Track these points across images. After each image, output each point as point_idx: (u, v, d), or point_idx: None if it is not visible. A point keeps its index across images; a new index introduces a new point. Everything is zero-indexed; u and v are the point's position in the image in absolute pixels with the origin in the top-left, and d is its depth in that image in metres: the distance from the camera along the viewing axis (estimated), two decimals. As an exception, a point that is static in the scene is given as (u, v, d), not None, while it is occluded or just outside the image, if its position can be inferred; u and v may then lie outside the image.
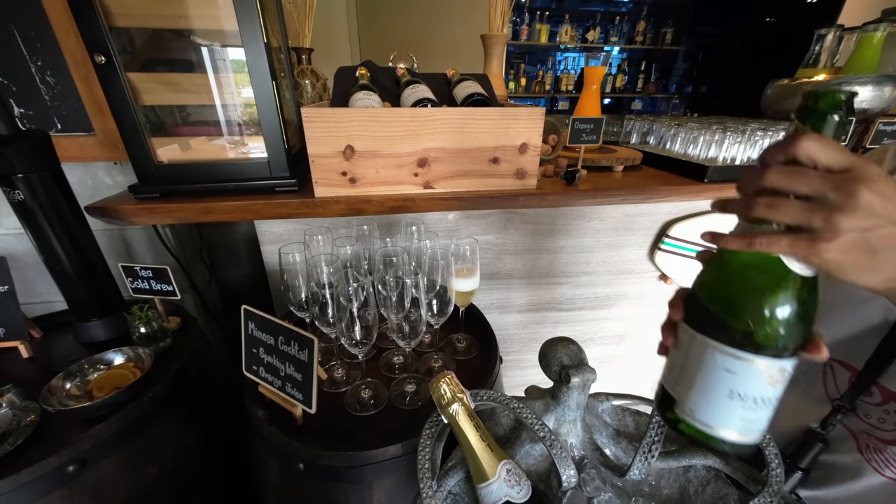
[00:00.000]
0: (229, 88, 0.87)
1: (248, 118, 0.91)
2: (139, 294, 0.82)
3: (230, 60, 0.85)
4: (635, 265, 1.31)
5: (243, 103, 0.89)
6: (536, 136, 0.92)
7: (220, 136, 0.92)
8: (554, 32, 3.56)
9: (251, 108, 0.87)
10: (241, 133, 0.91)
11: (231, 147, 0.91)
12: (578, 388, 0.54)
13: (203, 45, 0.84)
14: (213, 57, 0.85)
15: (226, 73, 0.86)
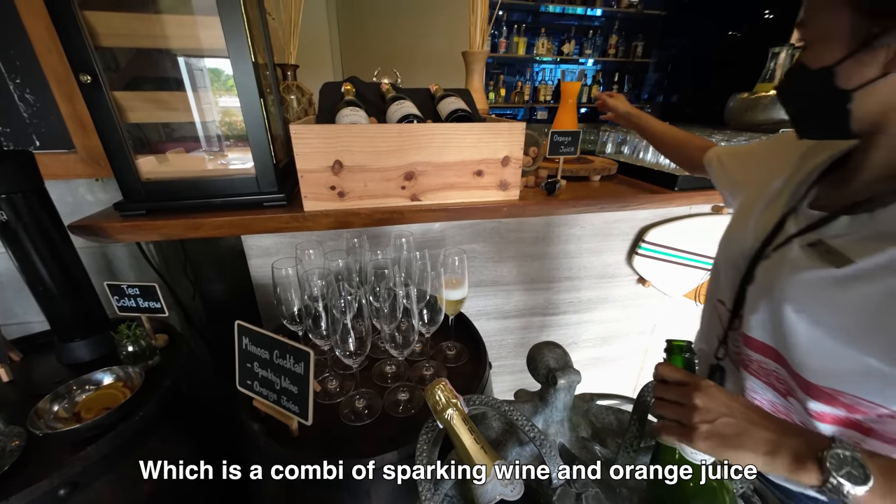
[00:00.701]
0: (216, 106, 0.88)
1: (236, 134, 0.93)
2: (125, 312, 0.82)
3: (217, 78, 0.87)
4: (615, 269, 1.37)
5: (231, 120, 0.90)
6: (518, 150, 0.96)
7: (207, 151, 0.92)
8: (531, 45, 3.68)
9: (239, 125, 0.88)
10: (228, 149, 0.92)
11: (219, 163, 0.92)
12: (564, 390, 0.57)
13: (190, 64, 0.85)
14: (200, 75, 0.86)
15: (213, 90, 0.87)
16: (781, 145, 0.64)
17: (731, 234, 0.63)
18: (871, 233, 0.43)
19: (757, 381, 0.56)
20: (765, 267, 0.53)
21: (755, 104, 1.35)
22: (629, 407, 0.66)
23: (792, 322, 0.47)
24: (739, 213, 0.64)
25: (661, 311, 1.47)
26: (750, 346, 0.55)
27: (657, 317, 1.49)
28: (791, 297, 0.47)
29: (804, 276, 0.46)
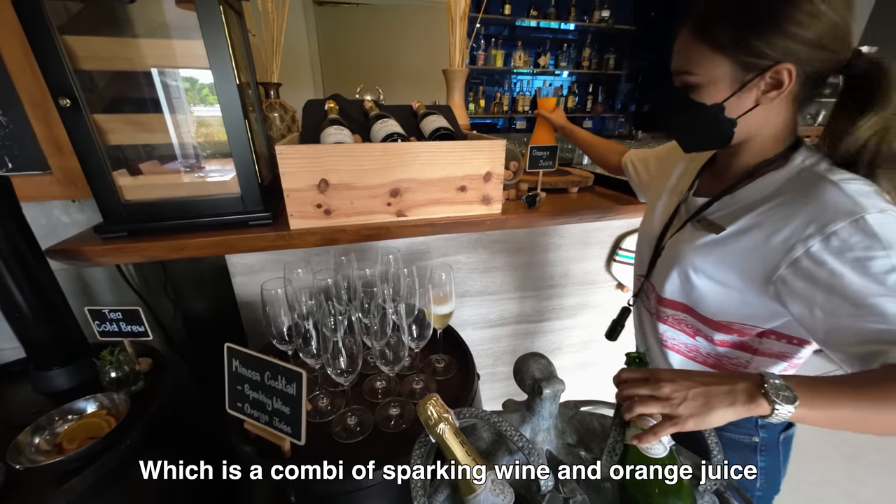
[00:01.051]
0: (200, 126, 0.88)
1: (220, 153, 0.93)
2: (107, 337, 0.80)
3: (200, 99, 0.87)
4: (595, 276, 1.42)
5: (215, 140, 0.90)
6: (499, 166, 1.00)
7: (190, 172, 0.92)
8: (509, 57, 3.79)
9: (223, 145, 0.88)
10: (212, 169, 0.92)
11: (203, 183, 0.91)
12: (550, 399, 0.60)
13: (172, 85, 0.85)
14: (182, 96, 0.86)
15: (196, 111, 0.87)
16: (673, 150, 0.83)
17: (645, 222, 0.82)
18: (734, 208, 0.60)
19: (671, 328, 0.72)
20: (669, 244, 0.70)
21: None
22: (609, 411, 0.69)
23: (694, 280, 0.63)
24: (649, 205, 0.82)
25: (640, 315, 1.53)
26: (664, 304, 0.70)
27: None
28: (690, 262, 0.63)
29: (696, 243, 0.63)
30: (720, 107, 0.56)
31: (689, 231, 0.66)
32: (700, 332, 0.67)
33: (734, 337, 0.63)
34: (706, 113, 0.57)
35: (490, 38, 3.65)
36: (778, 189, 0.56)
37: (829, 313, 0.49)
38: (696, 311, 0.66)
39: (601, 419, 0.68)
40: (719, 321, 0.63)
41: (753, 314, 0.60)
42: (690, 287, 0.64)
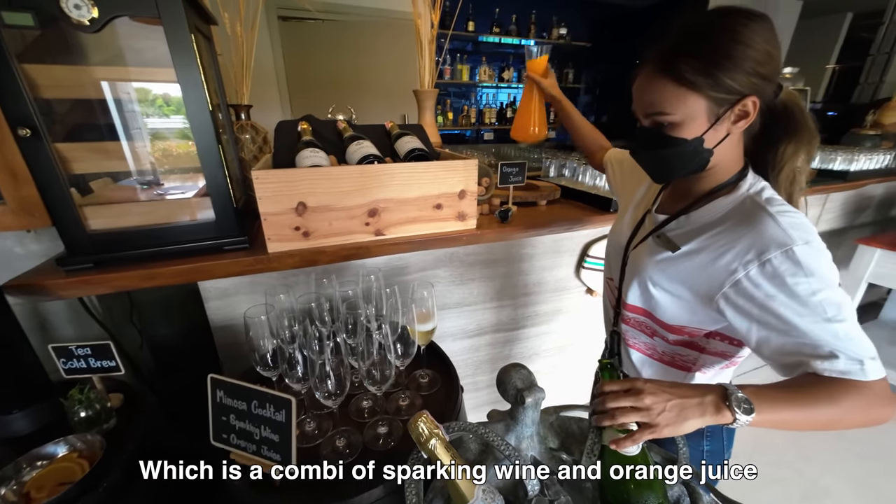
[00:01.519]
0: (170, 152, 0.87)
1: (192, 178, 0.91)
2: (73, 374, 0.76)
3: (171, 126, 0.86)
4: (566, 283, 1.49)
5: (187, 166, 0.89)
6: (472, 184, 1.04)
7: (160, 198, 0.90)
8: (474, 70, 3.91)
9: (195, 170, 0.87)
10: (185, 194, 0.90)
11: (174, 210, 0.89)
12: (532, 407, 0.64)
13: (140, 111, 0.83)
14: (152, 123, 0.84)
15: (167, 137, 0.86)
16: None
17: (615, 228, 0.88)
18: (689, 229, 0.67)
19: (631, 329, 0.79)
20: (633, 254, 0.76)
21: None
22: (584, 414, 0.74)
23: (651, 290, 0.70)
24: (619, 212, 0.89)
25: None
26: (627, 308, 0.78)
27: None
28: (649, 275, 0.70)
29: (655, 258, 0.69)
30: (700, 140, 0.60)
31: (650, 245, 0.72)
32: (657, 333, 0.74)
33: (685, 337, 0.71)
34: (687, 147, 0.61)
35: (455, 52, 3.76)
36: (725, 215, 0.63)
37: (762, 327, 0.57)
38: (653, 315, 0.73)
39: (579, 422, 0.73)
40: (673, 325, 0.71)
41: (700, 320, 0.67)
42: (649, 296, 0.71)
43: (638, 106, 0.64)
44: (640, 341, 0.79)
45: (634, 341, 0.80)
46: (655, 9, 3.76)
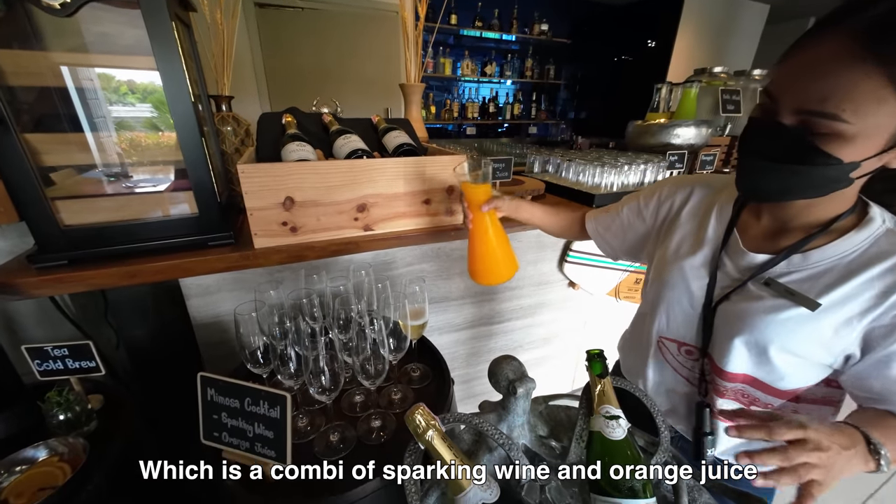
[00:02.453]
0: (150, 145, 0.83)
1: (173, 172, 0.88)
2: (49, 377, 0.73)
3: (151, 117, 0.82)
4: (549, 276, 1.53)
5: (167, 160, 0.85)
6: (461, 179, 1.05)
7: (139, 193, 0.86)
8: (457, 64, 3.89)
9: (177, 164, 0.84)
10: (166, 188, 0.87)
11: (154, 204, 0.86)
12: (523, 397, 0.66)
13: (117, 101, 0.80)
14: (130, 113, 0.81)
15: (146, 129, 0.82)
16: (651, 204, 0.76)
17: (665, 278, 0.69)
18: (812, 272, 0.53)
19: (728, 401, 0.64)
20: (726, 311, 0.60)
21: (647, 130, 1.62)
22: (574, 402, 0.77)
23: (773, 356, 0.55)
24: (664, 263, 0.70)
25: (589, 309, 1.67)
26: (725, 378, 0.61)
27: (587, 314, 1.68)
28: (769, 338, 0.55)
29: (778, 317, 0.54)
30: (856, 165, 0.43)
31: (757, 298, 0.57)
32: (757, 401, 0.61)
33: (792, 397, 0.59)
34: (836, 170, 0.44)
35: (438, 45, 3.73)
36: (869, 254, 0.51)
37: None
38: (762, 381, 0.59)
39: (566, 410, 0.76)
40: (786, 389, 0.58)
41: (823, 375, 0.56)
42: (765, 362, 0.57)
43: (786, 92, 0.45)
44: (728, 407, 0.64)
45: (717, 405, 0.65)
46: (632, 7, 3.85)
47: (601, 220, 0.87)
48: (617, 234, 0.84)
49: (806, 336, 0.53)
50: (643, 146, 1.65)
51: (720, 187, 0.69)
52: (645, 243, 0.80)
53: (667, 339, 0.71)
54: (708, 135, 1.59)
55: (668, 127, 1.54)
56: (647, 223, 0.78)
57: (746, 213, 0.64)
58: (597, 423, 0.59)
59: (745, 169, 0.53)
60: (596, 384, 0.62)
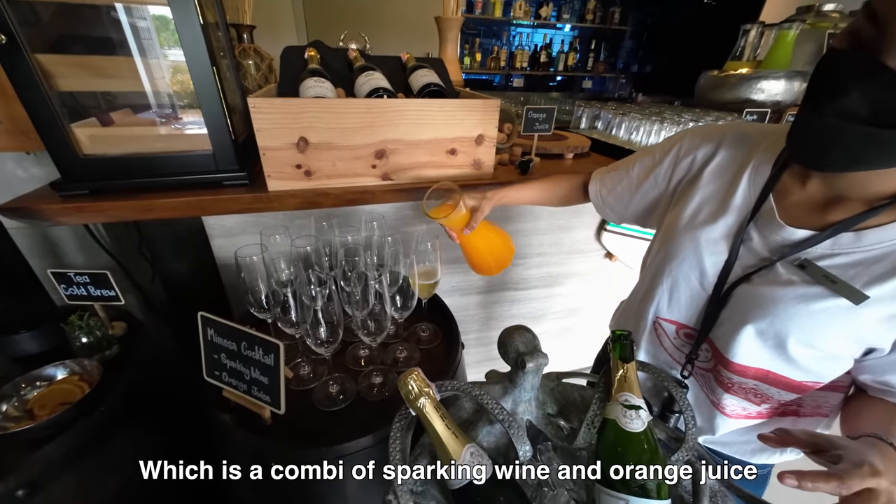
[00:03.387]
0: (162, 72, 0.79)
1: (187, 105, 0.84)
2: (75, 301, 0.76)
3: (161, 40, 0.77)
4: (584, 245, 1.41)
5: (180, 90, 0.81)
6: (492, 128, 0.94)
7: (156, 124, 0.84)
8: (509, 5, 3.52)
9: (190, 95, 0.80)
10: (180, 123, 0.84)
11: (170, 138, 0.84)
12: (533, 372, 0.60)
13: (128, 23, 0.75)
14: (140, 36, 0.76)
15: (156, 54, 0.78)
16: (667, 161, 0.63)
17: (675, 253, 0.59)
18: (865, 256, 0.44)
19: (734, 397, 0.57)
20: (745, 292, 0.51)
21: (723, 83, 1.37)
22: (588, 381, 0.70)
23: (793, 350, 0.47)
24: (674, 231, 0.60)
25: (625, 284, 1.55)
26: (732, 370, 0.54)
27: (620, 290, 1.56)
28: (791, 329, 0.47)
29: (811, 307, 0.45)
30: None
31: (786, 282, 0.47)
32: (769, 399, 0.54)
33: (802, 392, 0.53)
34: None
35: (489, -17, 3.37)
36: None
37: None
38: (778, 376, 0.52)
39: (581, 391, 0.69)
40: (804, 383, 0.51)
41: (845, 369, 0.49)
42: (779, 354, 0.49)
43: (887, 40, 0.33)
44: (739, 405, 0.58)
45: (732, 409, 0.59)
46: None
47: (606, 180, 0.74)
48: (622, 196, 0.71)
49: (838, 330, 0.45)
50: (716, 102, 1.41)
51: (759, 139, 0.55)
52: (654, 208, 0.68)
53: (665, 319, 0.63)
54: (800, 91, 1.32)
55: (752, 79, 1.29)
56: (659, 185, 0.65)
57: (789, 175, 0.51)
58: (613, 411, 0.53)
59: (806, 126, 0.41)
60: (618, 368, 0.54)
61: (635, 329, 0.69)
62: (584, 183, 0.79)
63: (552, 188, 0.83)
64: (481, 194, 0.76)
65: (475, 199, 0.75)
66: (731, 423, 0.60)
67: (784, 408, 0.56)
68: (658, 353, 0.67)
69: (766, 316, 0.49)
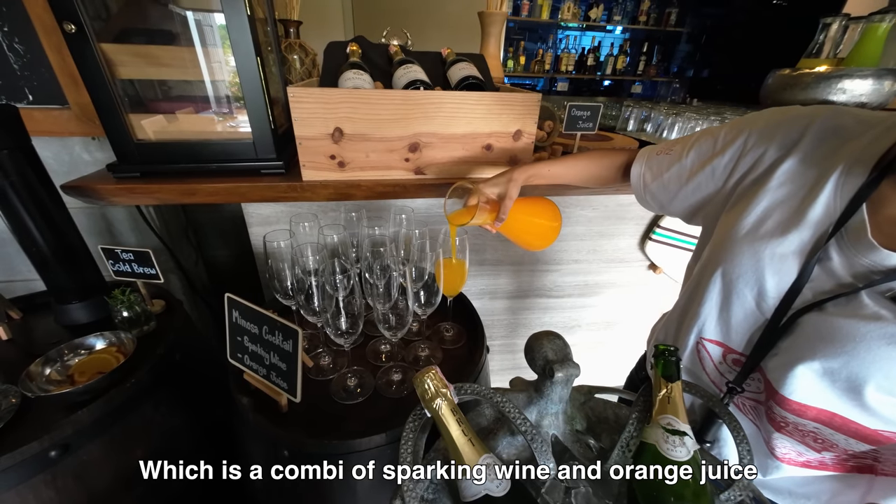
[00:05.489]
0: (211, 63, 0.83)
1: (233, 96, 0.87)
2: (121, 277, 0.81)
3: (211, 33, 0.81)
4: (625, 254, 1.32)
5: (226, 80, 0.84)
6: (531, 123, 0.89)
7: (202, 113, 0.88)
8: (556, 8, 3.44)
9: (236, 86, 0.83)
10: (225, 112, 0.87)
11: (215, 126, 0.87)
12: (562, 383, 0.55)
13: (183, 15, 0.79)
14: (192, 29, 0.80)
15: (207, 46, 0.81)
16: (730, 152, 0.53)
17: (730, 266, 0.50)
18: None
19: (788, 439, 0.49)
20: (815, 321, 0.43)
21: (796, 82, 1.23)
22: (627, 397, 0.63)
23: (868, 395, 0.40)
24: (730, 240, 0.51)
25: (670, 298, 1.43)
26: (787, 407, 0.46)
27: (664, 304, 1.44)
28: (882, 374, 0.39)
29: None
30: None
31: (872, 317, 0.40)
32: (833, 447, 0.46)
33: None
34: None
35: (537, -15, 3.31)
36: None
37: None
38: (847, 420, 0.44)
39: (616, 409, 0.63)
40: (881, 433, 0.42)
41: None
42: (852, 398, 0.42)
43: None
44: (794, 450, 0.50)
45: (784, 452, 0.51)
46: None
47: (653, 163, 0.63)
48: (668, 185, 0.60)
49: None
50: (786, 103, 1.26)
51: (856, 131, 0.44)
52: (705, 205, 0.58)
53: (709, 340, 0.55)
54: (891, 92, 1.16)
55: (832, 77, 1.14)
56: (716, 179, 0.55)
57: (891, 184, 0.41)
58: (653, 435, 0.47)
59: None
60: (660, 387, 0.48)
61: None
62: (627, 162, 0.69)
63: (589, 165, 0.74)
64: (507, 176, 0.68)
65: (499, 186, 0.68)
66: (784, 468, 0.52)
67: (855, 460, 0.46)
68: (698, 376, 0.59)
69: (839, 354, 0.41)
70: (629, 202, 1.21)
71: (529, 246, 0.83)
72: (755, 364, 0.50)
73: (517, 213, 0.70)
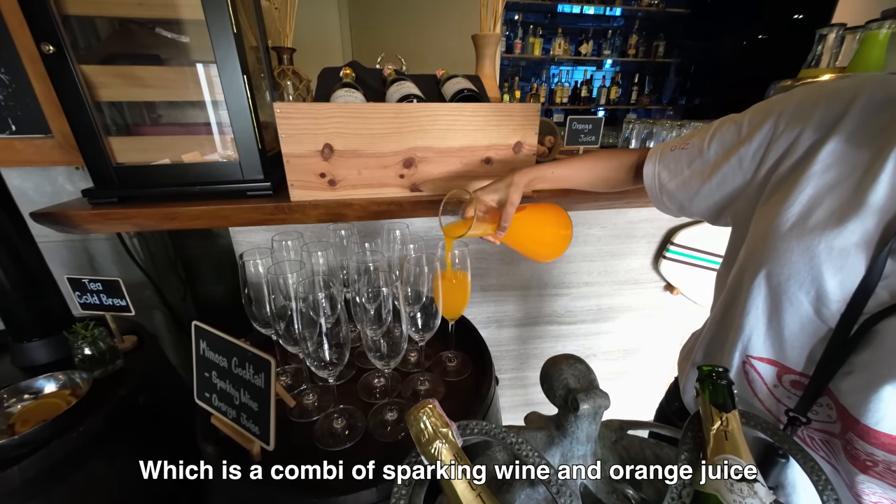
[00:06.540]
0: (196, 84, 0.80)
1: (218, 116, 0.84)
2: (89, 310, 0.73)
3: (196, 54, 0.79)
4: (639, 275, 1.23)
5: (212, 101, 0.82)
6: (532, 135, 0.85)
7: (185, 135, 0.84)
8: (547, 47, 3.59)
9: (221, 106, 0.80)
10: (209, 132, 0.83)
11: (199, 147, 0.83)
12: (589, 417, 0.45)
13: (166, 37, 0.77)
14: (176, 50, 0.78)
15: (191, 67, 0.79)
16: (758, 138, 0.46)
17: (776, 267, 0.43)
18: None
19: (877, 482, 0.40)
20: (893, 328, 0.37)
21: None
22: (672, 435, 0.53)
23: None
24: (772, 236, 0.44)
25: (690, 321, 1.32)
26: (873, 440, 0.39)
27: (685, 328, 1.33)
28: None
29: None
30: None
31: None
32: None
33: None
34: None
35: (528, 25, 3.47)
36: None
37: None
38: None
39: (655, 448, 0.52)
40: None
41: None
42: None
43: None
44: (888, 497, 0.42)
45: (871, 496, 0.43)
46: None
47: (669, 160, 0.57)
48: (689, 183, 0.54)
49: None
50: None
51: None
52: (733, 201, 0.51)
53: (758, 359, 0.47)
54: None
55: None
56: (745, 170, 0.48)
57: None
58: (713, 483, 0.36)
59: None
60: (713, 419, 0.39)
61: None
62: (638, 162, 0.63)
63: (597, 166, 0.68)
64: (507, 181, 0.62)
65: (499, 192, 0.61)
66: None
67: None
68: (750, 404, 0.50)
69: None
70: (638, 219, 1.14)
71: (538, 256, 0.75)
72: (821, 386, 0.42)
73: (521, 220, 0.63)
